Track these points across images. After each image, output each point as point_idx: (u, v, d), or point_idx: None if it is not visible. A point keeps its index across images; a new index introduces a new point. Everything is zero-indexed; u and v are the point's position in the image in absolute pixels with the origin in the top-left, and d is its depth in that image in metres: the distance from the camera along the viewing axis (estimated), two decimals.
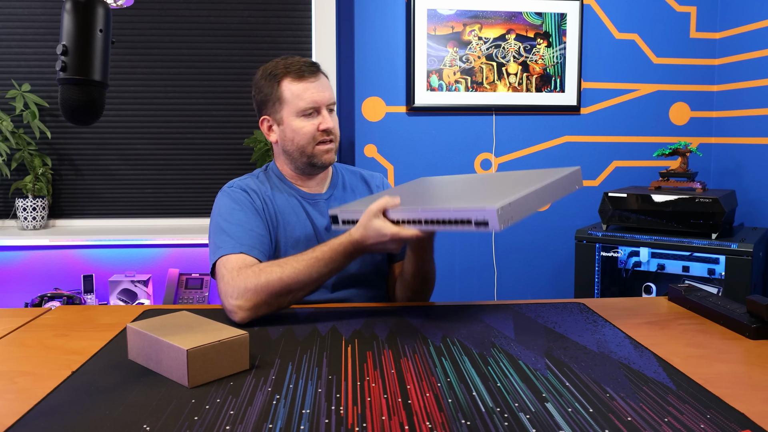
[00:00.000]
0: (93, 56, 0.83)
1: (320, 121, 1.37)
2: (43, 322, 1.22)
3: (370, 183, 1.54)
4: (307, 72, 1.37)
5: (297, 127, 1.37)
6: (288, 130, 1.38)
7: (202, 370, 0.89)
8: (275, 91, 1.38)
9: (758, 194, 2.54)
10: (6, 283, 2.54)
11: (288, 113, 1.37)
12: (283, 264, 1.21)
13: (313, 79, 1.37)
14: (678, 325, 1.18)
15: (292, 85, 1.36)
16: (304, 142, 1.37)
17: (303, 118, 1.36)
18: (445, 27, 2.65)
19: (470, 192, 1.18)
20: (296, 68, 1.36)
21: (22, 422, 0.77)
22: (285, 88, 1.37)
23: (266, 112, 1.42)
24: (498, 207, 0.97)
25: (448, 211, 1.04)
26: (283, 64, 1.38)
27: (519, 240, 2.80)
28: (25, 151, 2.43)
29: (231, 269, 1.22)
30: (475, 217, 1.00)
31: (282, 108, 1.38)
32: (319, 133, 1.37)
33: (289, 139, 1.39)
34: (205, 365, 0.89)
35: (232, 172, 2.60)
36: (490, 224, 0.98)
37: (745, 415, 0.78)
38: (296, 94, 1.36)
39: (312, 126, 1.37)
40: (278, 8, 2.56)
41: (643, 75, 2.77)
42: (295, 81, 1.36)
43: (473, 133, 2.74)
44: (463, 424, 0.77)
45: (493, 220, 0.97)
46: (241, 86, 2.58)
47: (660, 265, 2.28)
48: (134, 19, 2.50)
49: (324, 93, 1.37)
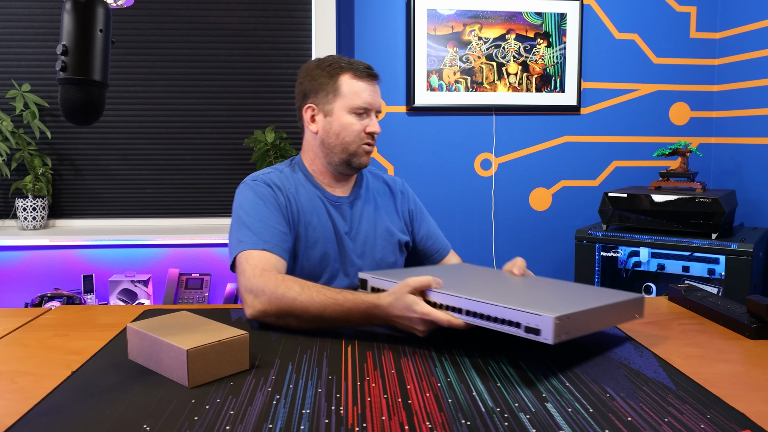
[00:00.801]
0: (93, 56, 0.83)
1: (368, 124, 1.39)
2: (43, 322, 1.22)
3: (393, 188, 1.55)
4: (369, 74, 1.40)
5: (347, 122, 1.38)
6: (336, 123, 1.38)
7: (202, 370, 0.89)
8: (333, 82, 1.38)
9: (758, 194, 2.54)
10: (6, 283, 2.54)
11: (340, 107, 1.38)
12: (304, 287, 1.14)
13: (371, 82, 1.40)
14: (678, 325, 1.18)
15: (352, 81, 1.38)
16: (350, 139, 1.38)
17: (354, 115, 1.38)
18: (445, 27, 2.65)
19: (524, 293, 1.08)
20: (359, 67, 1.39)
21: (22, 422, 0.77)
22: (344, 82, 1.38)
23: (315, 100, 1.40)
24: (556, 316, 0.88)
25: (497, 308, 0.94)
26: (345, 60, 1.40)
27: (519, 240, 2.80)
28: (25, 151, 2.43)
29: (254, 266, 1.21)
30: (528, 321, 0.90)
31: (335, 100, 1.38)
32: (366, 135, 1.39)
33: (335, 132, 1.39)
34: (205, 365, 0.89)
35: (232, 172, 2.60)
36: (542, 333, 0.89)
37: (745, 415, 0.78)
38: (354, 91, 1.37)
39: (361, 125, 1.38)
40: (278, 8, 2.56)
41: (643, 75, 2.77)
42: (356, 78, 1.38)
43: (473, 133, 2.74)
44: (463, 424, 0.77)
45: (548, 329, 0.88)
46: (241, 86, 2.58)
47: (660, 265, 2.28)
48: (134, 19, 2.50)
49: (378, 99, 1.41)
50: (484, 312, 0.96)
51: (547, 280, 1.22)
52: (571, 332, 0.91)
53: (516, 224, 2.79)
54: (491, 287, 1.11)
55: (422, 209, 1.59)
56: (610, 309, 1.01)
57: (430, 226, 1.58)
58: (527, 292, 1.08)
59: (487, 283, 1.15)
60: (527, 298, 1.02)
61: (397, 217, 1.52)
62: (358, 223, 1.45)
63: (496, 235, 2.78)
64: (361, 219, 1.45)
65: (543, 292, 1.08)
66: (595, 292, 1.10)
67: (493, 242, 2.78)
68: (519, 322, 0.91)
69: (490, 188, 2.77)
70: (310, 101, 1.41)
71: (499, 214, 2.78)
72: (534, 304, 0.93)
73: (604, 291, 1.12)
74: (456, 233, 2.76)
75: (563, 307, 0.93)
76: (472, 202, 2.76)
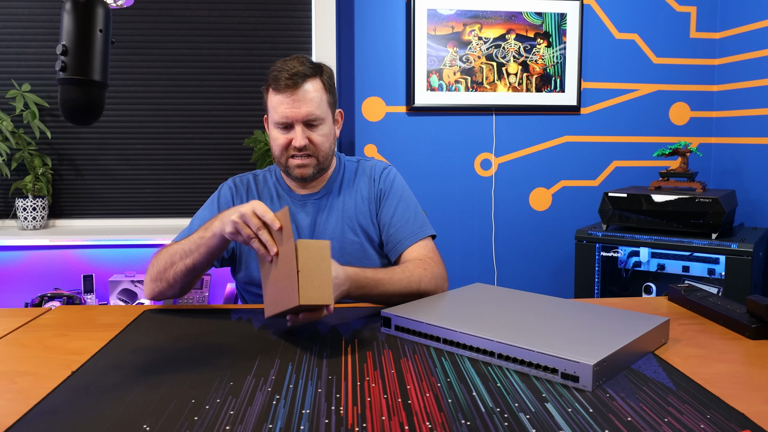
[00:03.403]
0: (93, 56, 0.83)
1: (292, 137, 1.35)
2: (43, 322, 1.22)
3: (372, 174, 1.47)
4: (286, 84, 1.32)
5: (273, 136, 1.39)
6: (270, 137, 1.43)
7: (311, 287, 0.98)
8: (265, 96, 1.41)
9: (758, 194, 2.54)
10: (6, 283, 2.54)
11: (270, 121, 1.41)
12: (172, 245, 1.30)
13: (290, 93, 1.32)
14: (678, 325, 1.18)
15: (272, 95, 1.36)
16: (277, 153, 1.39)
17: (278, 129, 1.37)
18: (445, 27, 2.65)
19: (554, 329, 1.01)
20: (280, 77, 1.33)
21: (22, 422, 0.77)
22: (269, 97, 1.38)
23: (266, 113, 1.45)
24: (594, 363, 0.85)
25: (531, 353, 0.91)
26: (274, 71, 1.36)
27: (519, 240, 2.80)
28: (25, 151, 2.43)
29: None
30: (565, 368, 0.87)
31: (267, 114, 1.42)
32: (291, 148, 1.36)
33: (270, 145, 1.43)
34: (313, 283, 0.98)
35: (232, 172, 2.59)
36: (581, 381, 0.86)
37: (745, 415, 0.78)
38: (273, 106, 1.36)
39: (285, 139, 1.36)
40: (278, 8, 2.56)
41: (643, 75, 2.77)
42: (274, 92, 1.35)
43: (473, 133, 2.74)
44: (463, 424, 0.77)
45: (587, 377, 0.85)
46: (241, 86, 2.58)
47: (660, 265, 2.28)
48: (134, 19, 2.50)
49: (299, 109, 1.33)
50: (517, 356, 0.93)
51: (567, 303, 1.17)
52: (607, 375, 0.88)
53: (516, 224, 2.79)
54: (516, 322, 1.05)
55: (396, 193, 1.45)
56: (641, 341, 0.98)
57: (396, 213, 1.42)
58: (558, 329, 1.01)
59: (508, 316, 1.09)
60: (555, 335, 0.97)
61: (367, 202, 1.45)
62: (325, 216, 1.43)
63: (496, 235, 2.78)
64: (330, 212, 1.44)
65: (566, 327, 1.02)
66: (609, 315, 1.08)
67: (493, 242, 2.78)
68: (556, 368, 0.89)
69: (490, 188, 2.77)
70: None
71: (499, 214, 2.78)
72: (567, 347, 0.90)
73: (628, 315, 1.08)
74: (456, 233, 2.76)
75: (597, 348, 0.90)
76: (472, 202, 2.76)
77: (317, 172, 1.40)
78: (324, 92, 1.37)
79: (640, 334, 0.98)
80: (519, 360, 0.93)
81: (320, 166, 1.39)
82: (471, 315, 1.08)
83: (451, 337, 1.01)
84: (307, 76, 1.34)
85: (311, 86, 1.34)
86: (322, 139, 1.37)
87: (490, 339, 0.96)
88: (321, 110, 1.36)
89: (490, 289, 1.28)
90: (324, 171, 1.42)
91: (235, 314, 1.26)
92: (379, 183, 1.46)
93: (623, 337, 0.96)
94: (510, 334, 0.97)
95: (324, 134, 1.38)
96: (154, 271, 1.30)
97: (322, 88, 1.37)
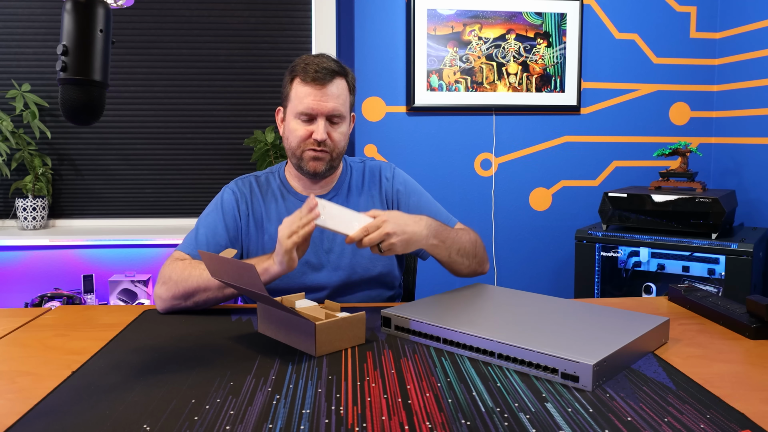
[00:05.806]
0: (93, 56, 0.83)
1: (314, 130, 1.36)
2: (43, 322, 1.22)
3: (380, 174, 1.49)
4: (316, 77, 1.33)
5: (292, 127, 1.38)
6: (287, 127, 1.41)
7: (326, 341, 1.01)
8: (288, 86, 1.39)
9: (758, 194, 2.54)
10: (6, 283, 2.54)
11: (290, 111, 1.39)
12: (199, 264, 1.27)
13: (320, 86, 1.34)
14: (678, 325, 1.18)
15: (299, 86, 1.36)
16: (294, 145, 1.38)
17: (299, 121, 1.37)
18: (445, 27, 2.65)
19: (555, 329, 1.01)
20: (309, 70, 1.34)
21: (22, 422, 0.77)
22: (294, 86, 1.37)
23: (283, 103, 1.43)
24: (594, 363, 0.85)
25: (531, 353, 0.92)
26: (303, 62, 1.37)
27: (519, 240, 2.80)
28: (25, 151, 2.43)
29: (170, 258, 1.33)
30: (565, 368, 0.88)
31: (288, 104, 1.40)
32: (311, 141, 1.36)
33: (286, 137, 1.42)
34: (329, 337, 1.01)
35: (232, 172, 2.60)
36: (581, 381, 0.86)
37: (745, 415, 0.78)
38: (298, 96, 1.36)
39: (305, 131, 1.37)
40: (278, 8, 2.56)
41: (643, 75, 2.77)
42: (302, 83, 1.35)
43: (473, 133, 2.74)
44: (463, 424, 0.77)
45: (587, 376, 0.86)
46: (241, 86, 2.58)
47: (660, 265, 2.28)
48: (134, 19, 2.50)
49: (326, 103, 1.34)
50: (517, 356, 0.93)
51: (567, 303, 1.18)
52: (606, 375, 0.89)
53: (516, 224, 2.79)
54: (516, 322, 1.05)
55: (415, 190, 1.51)
56: (641, 341, 0.98)
57: (423, 206, 1.49)
58: (558, 329, 1.02)
59: (509, 316, 1.09)
60: (554, 335, 0.98)
61: (380, 203, 1.48)
62: None
63: (496, 235, 2.78)
64: None
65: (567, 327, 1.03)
66: (607, 315, 1.08)
67: (493, 242, 2.78)
68: (556, 368, 0.89)
69: (490, 188, 2.77)
70: (282, 104, 1.44)
71: (499, 214, 2.78)
72: (566, 347, 0.91)
73: (628, 315, 1.09)
74: None
75: (596, 348, 0.91)
76: (472, 202, 2.76)
77: (329, 168, 1.40)
78: (348, 92, 1.41)
79: (640, 334, 0.98)
80: (519, 360, 0.93)
81: (332, 163, 1.40)
82: (471, 315, 1.09)
83: (451, 337, 1.02)
84: (336, 73, 1.37)
85: (339, 83, 1.37)
86: (341, 137, 1.39)
87: (490, 339, 0.97)
88: (344, 108, 1.39)
89: (490, 289, 1.29)
90: (334, 169, 1.43)
91: (235, 314, 1.26)
92: (393, 183, 1.50)
93: (623, 337, 0.96)
94: (510, 334, 0.98)
95: (342, 132, 1.40)
96: (178, 290, 1.25)
97: (346, 87, 1.40)
